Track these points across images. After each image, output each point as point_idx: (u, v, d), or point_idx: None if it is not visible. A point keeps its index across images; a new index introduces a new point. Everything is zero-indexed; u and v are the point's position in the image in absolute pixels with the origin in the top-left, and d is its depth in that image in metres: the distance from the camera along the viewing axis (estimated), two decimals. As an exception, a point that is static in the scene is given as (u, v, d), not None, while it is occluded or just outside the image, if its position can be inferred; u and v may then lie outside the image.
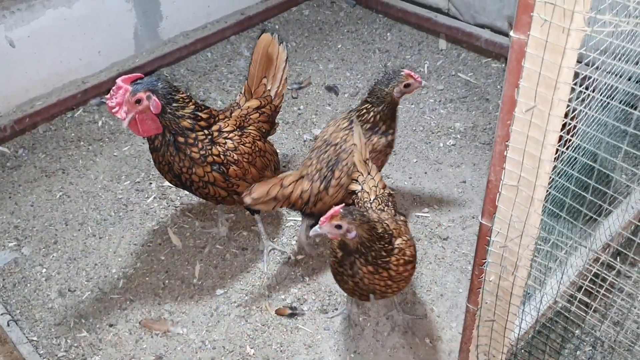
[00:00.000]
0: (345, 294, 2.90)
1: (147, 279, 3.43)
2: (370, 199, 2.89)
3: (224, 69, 5.00)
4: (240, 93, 3.46)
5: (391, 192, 3.02)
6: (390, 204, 2.91)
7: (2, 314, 3.14)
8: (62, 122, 4.51)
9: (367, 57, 5.05)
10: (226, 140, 3.05)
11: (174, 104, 2.87)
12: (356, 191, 2.97)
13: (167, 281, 3.41)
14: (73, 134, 4.41)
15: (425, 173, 4.01)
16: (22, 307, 3.30)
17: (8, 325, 3.09)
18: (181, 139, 2.92)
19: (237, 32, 5.36)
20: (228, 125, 3.11)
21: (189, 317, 3.23)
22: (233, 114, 3.24)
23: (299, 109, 4.59)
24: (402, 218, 2.87)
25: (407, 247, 2.64)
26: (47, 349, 3.10)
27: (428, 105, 4.53)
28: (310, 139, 4.29)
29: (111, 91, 2.76)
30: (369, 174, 3.03)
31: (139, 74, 2.86)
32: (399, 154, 4.15)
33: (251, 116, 3.31)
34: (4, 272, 3.47)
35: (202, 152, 2.97)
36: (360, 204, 2.89)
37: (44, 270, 3.49)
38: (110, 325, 3.20)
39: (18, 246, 3.62)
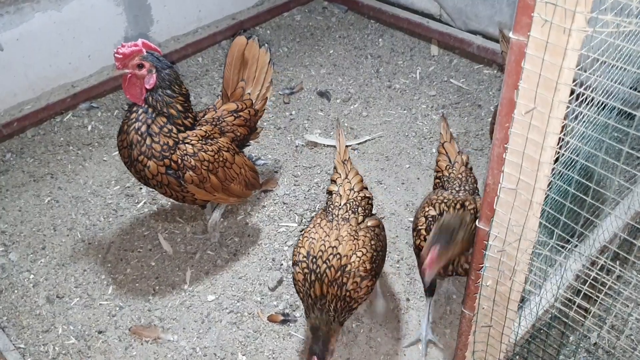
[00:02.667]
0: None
1: (137, 285, 3.38)
2: (340, 204, 2.93)
3: (215, 74, 4.97)
4: (220, 96, 3.47)
5: (367, 195, 3.02)
6: (361, 209, 2.91)
7: (-12, 321, 3.08)
8: (50, 126, 4.45)
9: (359, 63, 5.04)
10: (186, 146, 3.02)
11: (168, 91, 2.97)
12: (332, 192, 3.01)
13: (157, 287, 3.36)
14: (62, 139, 4.35)
15: (418, 179, 3.99)
16: (9, 313, 3.24)
17: (-6, 332, 3.03)
18: (160, 123, 2.96)
19: (229, 37, 5.33)
20: (196, 135, 3.08)
21: (179, 323, 3.18)
22: (206, 116, 3.24)
23: (291, 114, 4.56)
24: (370, 223, 2.88)
25: (362, 264, 2.67)
26: (35, 357, 3.04)
27: (420, 111, 4.52)
28: (302, 145, 4.27)
29: (128, 43, 2.91)
30: (346, 176, 3.05)
31: (160, 50, 3.04)
32: (391, 160, 4.13)
33: (226, 119, 3.29)
34: (-9, 278, 3.42)
35: (164, 151, 2.96)
36: (330, 208, 2.93)
37: (32, 276, 3.43)
38: (100, 332, 3.15)
39: (5, 252, 3.56)
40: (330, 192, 3.04)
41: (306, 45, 5.29)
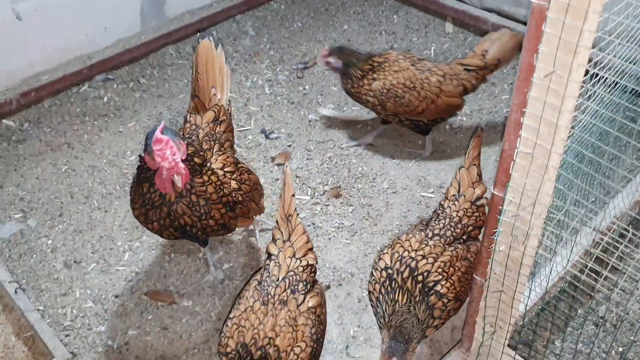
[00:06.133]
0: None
1: (152, 252, 3.44)
2: (277, 278, 2.49)
3: (230, 48, 4.99)
4: (189, 113, 3.16)
5: (311, 262, 2.61)
6: (302, 284, 2.49)
7: (9, 282, 3.15)
8: (67, 97, 4.50)
9: (374, 39, 5.04)
10: (230, 181, 2.83)
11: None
12: (272, 256, 2.60)
13: (173, 255, 3.42)
14: (78, 109, 4.40)
15: (431, 154, 4.02)
16: (28, 277, 3.31)
17: (15, 292, 3.10)
18: (199, 181, 2.67)
19: (243, 11, 5.34)
20: (228, 165, 2.88)
21: (194, 289, 3.24)
22: (199, 137, 3.00)
23: (304, 88, 4.58)
24: (311, 303, 2.47)
25: (304, 359, 2.34)
26: (53, 318, 3.12)
27: (434, 88, 4.53)
28: (316, 119, 4.29)
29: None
30: (289, 237, 2.62)
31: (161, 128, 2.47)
32: (404, 135, 4.15)
33: (215, 131, 3.05)
34: (10, 242, 3.48)
35: (218, 192, 2.74)
36: (266, 283, 2.49)
37: (50, 241, 3.50)
38: (116, 297, 3.22)
39: (24, 218, 3.63)
40: (269, 255, 2.63)
41: (320, 20, 5.29)
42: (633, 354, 2.85)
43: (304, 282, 2.51)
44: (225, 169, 2.85)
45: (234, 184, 2.84)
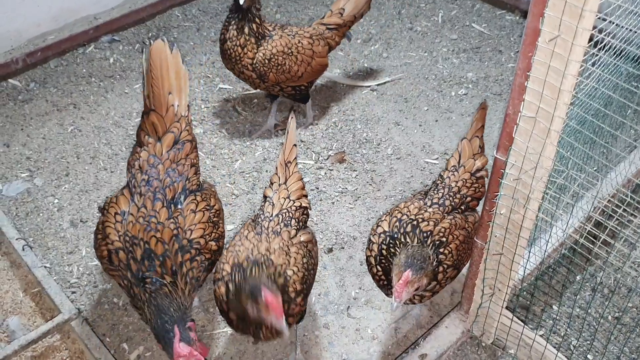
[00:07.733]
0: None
1: (158, 212, 3.48)
2: (271, 214, 2.60)
3: (236, 11, 4.95)
4: (145, 133, 2.71)
5: (304, 204, 2.71)
6: (294, 221, 2.59)
7: (17, 239, 3.20)
8: (73, 57, 4.50)
9: (381, 4, 4.99)
10: (210, 243, 2.59)
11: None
12: (267, 198, 2.70)
13: (177, 215, 3.47)
14: (84, 70, 4.41)
15: (436, 121, 4.02)
16: (34, 235, 3.36)
17: (23, 249, 3.15)
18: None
19: (250, -26, 5.28)
20: (207, 227, 2.59)
21: (199, 249, 3.29)
22: (164, 181, 2.59)
23: (311, 53, 4.56)
24: (303, 238, 2.57)
25: (292, 284, 2.37)
26: (60, 276, 3.17)
27: (441, 54, 4.52)
28: (322, 84, 4.29)
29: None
30: (285, 181, 2.73)
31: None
32: (410, 102, 4.15)
33: (178, 161, 2.67)
34: (17, 201, 3.53)
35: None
36: (260, 218, 2.59)
37: (56, 200, 3.54)
38: (122, 255, 3.27)
39: (30, 177, 3.67)
40: (265, 197, 2.72)
41: (328, -16, 5.24)
42: (629, 319, 2.90)
43: (297, 220, 2.62)
44: (205, 234, 2.57)
45: (213, 245, 2.60)
